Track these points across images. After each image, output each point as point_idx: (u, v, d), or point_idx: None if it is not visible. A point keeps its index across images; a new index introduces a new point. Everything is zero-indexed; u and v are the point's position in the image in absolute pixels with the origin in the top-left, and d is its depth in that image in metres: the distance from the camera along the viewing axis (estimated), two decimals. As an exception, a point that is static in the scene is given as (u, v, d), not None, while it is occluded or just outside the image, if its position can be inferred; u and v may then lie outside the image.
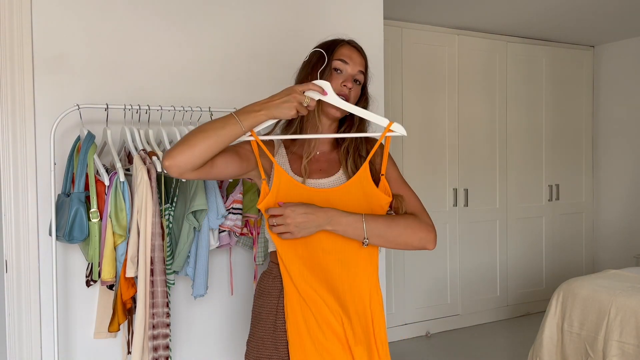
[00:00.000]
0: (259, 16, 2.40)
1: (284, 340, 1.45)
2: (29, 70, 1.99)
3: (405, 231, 1.45)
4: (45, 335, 2.03)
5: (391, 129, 1.45)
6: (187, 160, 1.34)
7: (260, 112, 1.37)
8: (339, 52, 1.51)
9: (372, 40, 2.64)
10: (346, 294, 1.45)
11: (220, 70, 2.33)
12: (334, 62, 1.50)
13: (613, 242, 5.02)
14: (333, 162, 1.55)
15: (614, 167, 5.01)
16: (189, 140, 1.35)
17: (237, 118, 1.37)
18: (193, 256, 1.91)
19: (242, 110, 1.39)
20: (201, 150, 1.34)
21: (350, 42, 1.56)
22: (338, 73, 1.50)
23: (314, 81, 1.42)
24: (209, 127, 1.37)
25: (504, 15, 4.06)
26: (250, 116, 1.38)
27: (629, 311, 2.75)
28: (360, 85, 1.55)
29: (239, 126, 1.37)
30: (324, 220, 1.38)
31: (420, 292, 4.29)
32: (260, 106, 1.38)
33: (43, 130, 2.01)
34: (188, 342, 2.26)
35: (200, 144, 1.34)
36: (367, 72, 1.57)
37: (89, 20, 2.09)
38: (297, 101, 1.37)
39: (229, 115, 1.38)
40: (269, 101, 1.38)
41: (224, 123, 1.37)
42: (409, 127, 4.18)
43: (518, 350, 3.87)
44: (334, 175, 1.51)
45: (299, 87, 1.39)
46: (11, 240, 1.99)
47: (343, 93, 1.48)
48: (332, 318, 1.42)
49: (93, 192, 1.81)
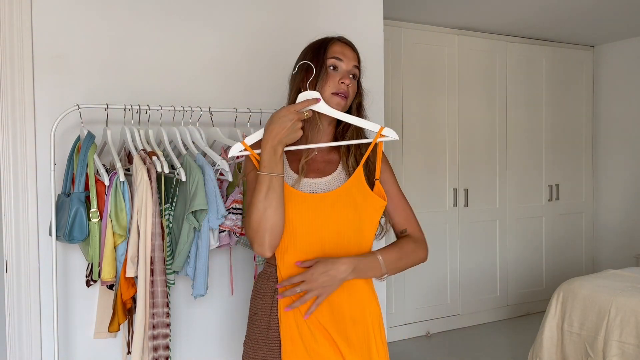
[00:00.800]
0: (259, 16, 2.40)
1: (277, 341, 1.45)
2: (29, 70, 1.99)
3: (411, 256, 1.54)
4: (45, 335, 2.03)
5: (383, 133, 1.47)
6: (272, 239, 1.39)
7: (279, 149, 1.38)
8: (332, 50, 1.51)
9: (372, 40, 2.64)
10: (342, 300, 1.45)
11: (220, 70, 2.33)
12: (329, 61, 1.49)
13: (613, 242, 5.02)
14: (330, 162, 1.55)
15: (614, 167, 5.01)
16: (256, 226, 1.38)
17: (270, 172, 1.38)
18: (193, 256, 1.90)
19: (265, 163, 1.38)
20: (274, 222, 1.38)
21: (340, 39, 1.55)
22: (334, 71, 1.50)
23: (302, 94, 1.43)
24: (258, 202, 1.38)
25: (504, 15, 4.06)
26: (273, 161, 1.38)
27: (629, 311, 2.75)
28: (356, 79, 1.54)
29: (275, 177, 1.38)
30: (346, 273, 1.40)
31: (420, 292, 4.29)
32: (274, 144, 1.38)
33: (43, 130, 2.01)
34: (188, 342, 2.26)
35: (269, 219, 1.37)
36: (360, 66, 1.57)
37: (89, 20, 2.09)
38: (299, 119, 1.39)
39: (261, 177, 1.38)
40: (275, 135, 1.37)
41: (264, 186, 1.37)
42: (409, 127, 4.19)
43: (518, 350, 3.87)
44: (330, 175, 1.51)
45: (294, 108, 1.39)
46: (11, 240, 1.99)
47: (342, 90, 1.48)
48: (325, 322, 1.42)
49: (93, 192, 1.81)
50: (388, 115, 3.93)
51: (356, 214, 1.45)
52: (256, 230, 1.40)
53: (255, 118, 2.19)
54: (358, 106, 1.57)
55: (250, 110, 2.17)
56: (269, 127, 1.39)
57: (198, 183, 1.84)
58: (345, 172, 1.52)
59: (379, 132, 1.47)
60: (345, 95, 1.49)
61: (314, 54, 1.51)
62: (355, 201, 1.46)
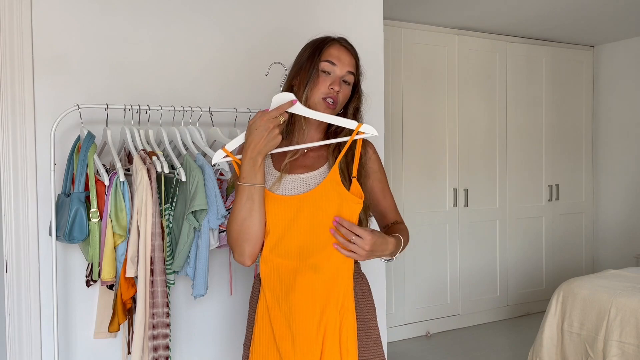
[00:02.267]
0: (259, 16, 2.40)
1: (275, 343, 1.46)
2: (29, 70, 1.99)
3: (407, 240, 1.59)
4: (45, 335, 2.03)
5: (361, 130, 1.45)
6: (252, 249, 1.42)
7: (258, 160, 1.38)
8: (327, 52, 1.49)
9: (372, 40, 2.64)
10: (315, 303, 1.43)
11: (221, 70, 2.33)
12: (322, 64, 1.48)
13: (613, 242, 5.02)
14: (320, 158, 1.53)
15: (614, 167, 5.01)
16: (236, 235, 1.41)
17: (248, 183, 1.38)
18: (193, 256, 1.90)
19: (244, 174, 1.39)
20: (253, 232, 1.40)
21: (340, 41, 1.52)
22: (326, 75, 1.48)
23: (275, 98, 1.41)
24: (237, 211, 1.40)
25: (504, 15, 4.06)
26: (252, 172, 1.38)
27: (629, 311, 2.75)
28: (350, 85, 1.52)
29: (254, 187, 1.38)
30: (388, 252, 1.46)
31: (420, 292, 4.29)
32: (253, 155, 1.38)
33: (43, 130, 2.00)
34: (188, 342, 2.26)
35: (247, 229, 1.40)
36: (358, 71, 1.54)
37: (89, 21, 2.09)
38: (275, 126, 1.38)
39: (239, 187, 1.40)
40: (254, 146, 1.37)
41: (244, 197, 1.39)
42: (409, 127, 4.19)
43: (518, 350, 3.87)
44: (317, 170, 1.50)
45: (267, 116, 1.38)
46: (11, 240, 1.99)
47: (330, 96, 1.46)
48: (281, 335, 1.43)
49: (93, 192, 1.81)
50: (388, 115, 3.93)
51: (330, 214, 1.42)
52: (235, 239, 1.42)
53: (255, 118, 2.19)
54: (355, 110, 1.55)
55: (250, 110, 2.17)
56: (248, 138, 1.39)
57: (198, 183, 1.84)
58: (329, 168, 1.50)
59: (356, 130, 1.45)
60: (334, 100, 1.47)
61: (310, 54, 1.50)
62: (334, 200, 1.43)
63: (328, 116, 1.47)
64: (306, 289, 1.41)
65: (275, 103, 1.41)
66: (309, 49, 1.51)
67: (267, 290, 1.44)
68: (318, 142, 1.51)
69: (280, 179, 1.46)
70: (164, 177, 1.90)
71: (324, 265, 1.42)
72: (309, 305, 1.41)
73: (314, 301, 1.41)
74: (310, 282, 1.41)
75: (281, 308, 1.42)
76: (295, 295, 1.41)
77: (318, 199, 1.43)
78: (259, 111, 1.40)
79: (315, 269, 1.41)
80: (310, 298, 1.41)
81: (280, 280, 1.43)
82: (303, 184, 1.47)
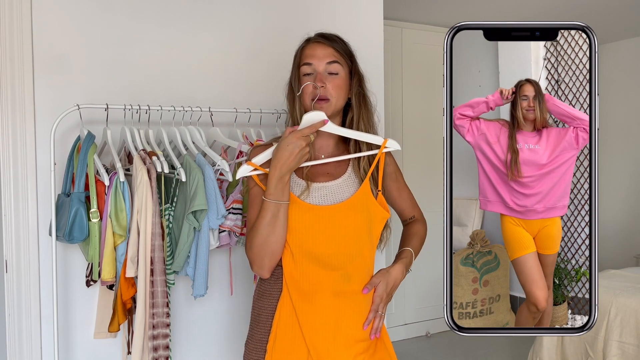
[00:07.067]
0: (259, 16, 2.40)
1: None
2: (29, 70, 1.99)
3: (424, 237, 1.68)
4: (45, 335, 2.03)
5: (386, 145, 1.50)
6: (273, 262, 1.43)
7: (287, 177, 1.37)
8: (302, 56, 1.49)
9: (372, 40, 2.64)
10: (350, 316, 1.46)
11: (221, 70, 2.33)
12: (301, 70, 1.47)
13: (613, 242, 5.01)
14: (340, 165, 1.52)
15: (614, 167, 5.00)
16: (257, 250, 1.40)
17: (276, 200, 1.37)
18: (193, 256, 1.90)
19: (271, 190, 1.37)
20: (275, 248, 1.41)
21: (311, 39, 1.51)
22: (308, 77, 1.47)
23: (307, 117, 1.39)
24: (261, 227, 1.38)
25: (504, 15, 4.06)
26: (280, 188, 1.37)
27: (629, 311, 2.75)
28: (338, 74, 1.48)
29: (281, 205, 1.38)
30: (401, 278, 1.56)
31: (420, 292, 4.29)
32: (282, 172, 1.36)
33: (43, 130, 2.00)
34: (188, 342, 2.26)
35: (270, 245, 1.39)
36: (343, 56, 1.50)
37: (89, 21, 2.09)
38: (306, 145, 1.37)
39: (266, 203, 1.38)
40: (284, 163, 1.35)
41: (269, 213, 1.37)
42: (409, 127, 4.19)
43: (518, 350, 3.87)
44: (340, 178, 1.49)
45: (300, 133, 1.36)
46: (11, 240, 1.99)
47: (314, 95, 1.44)
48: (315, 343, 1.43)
49: (93, 192, 1.81)
50: (388, 115, 3.93)
51: (367, 224, 1.45)
52: (257, 253, 1.41)
53: (255, 118, 2.19)
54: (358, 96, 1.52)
55: (250, 110, 2.17)
56: (278, 154, 1.36)
57: (198, 183, 1.84)
58: (355, 175, 1.50)
59: (382, 145, 1.49)
60: (323, 98, 1.45)
61: (292, 66, 1.52)
62: (364, 212, 1.45)
63: (357, 133, 1.49)
64: (344, 299, 1.45)
65: (307, 121, 1.39)
66: (293, 60, 1.52)
67: (293, 290, 1.44)
68: (344, 156, 1.51)
69: (308, 188, 1.45)
70: (164, 177, 1.90)
71: (354, 275, 1.45)
72: (349, 311, 1.46)
73: (355, 309, 1.47)
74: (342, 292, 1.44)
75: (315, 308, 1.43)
76: (334, 300, 1.44)
77: (351, 210, 1.44)
78: (288, 128, 1.39)
79: (348, 279, 1.44)
80: (351, 306, 1.46)
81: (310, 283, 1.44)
82: (330, 192, 1.47)
